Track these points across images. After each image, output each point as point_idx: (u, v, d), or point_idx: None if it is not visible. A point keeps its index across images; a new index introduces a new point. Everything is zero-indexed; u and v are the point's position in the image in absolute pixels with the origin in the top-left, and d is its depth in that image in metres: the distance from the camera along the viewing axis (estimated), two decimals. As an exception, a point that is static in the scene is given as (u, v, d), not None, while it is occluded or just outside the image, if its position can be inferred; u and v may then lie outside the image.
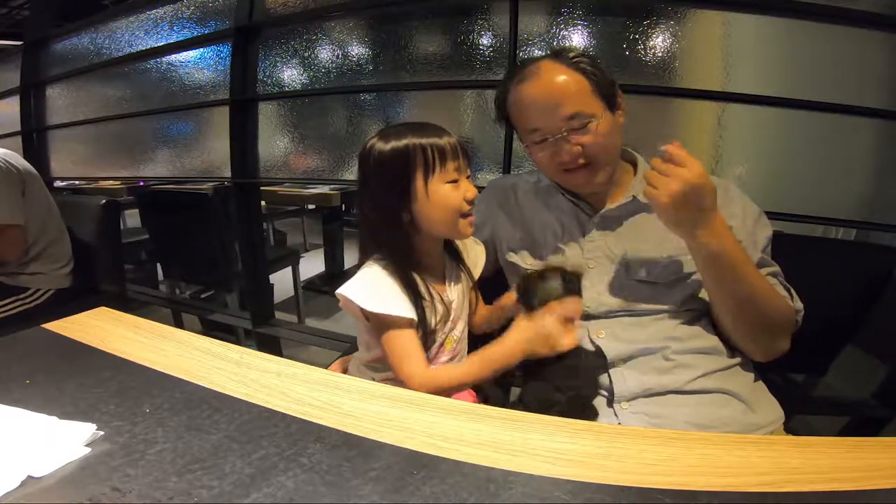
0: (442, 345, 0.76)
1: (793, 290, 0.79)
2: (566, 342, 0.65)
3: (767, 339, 0.75)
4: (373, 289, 0.70)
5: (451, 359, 0.81)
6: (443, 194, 0.70)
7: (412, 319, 0.69)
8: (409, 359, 0.68)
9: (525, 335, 0.66)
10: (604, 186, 0.82)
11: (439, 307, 0.74)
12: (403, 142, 0.69)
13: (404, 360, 0.68)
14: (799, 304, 0.78)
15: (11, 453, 0.43)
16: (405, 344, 0.69)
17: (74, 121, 2.43)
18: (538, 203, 0.88)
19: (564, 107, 0.75)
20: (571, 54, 0.78)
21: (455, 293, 0.79)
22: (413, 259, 0.73)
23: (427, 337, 0.73)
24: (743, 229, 0.78)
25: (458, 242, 0.82)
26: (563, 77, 0.76)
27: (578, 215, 0.84)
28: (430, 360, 0.78)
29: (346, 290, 0.70)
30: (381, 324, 0.70)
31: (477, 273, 0.85)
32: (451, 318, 0.77)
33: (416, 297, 0.70)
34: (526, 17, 1.37)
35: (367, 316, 0.72)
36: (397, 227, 0.71)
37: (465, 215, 0.72)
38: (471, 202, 0.72)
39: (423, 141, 0.69)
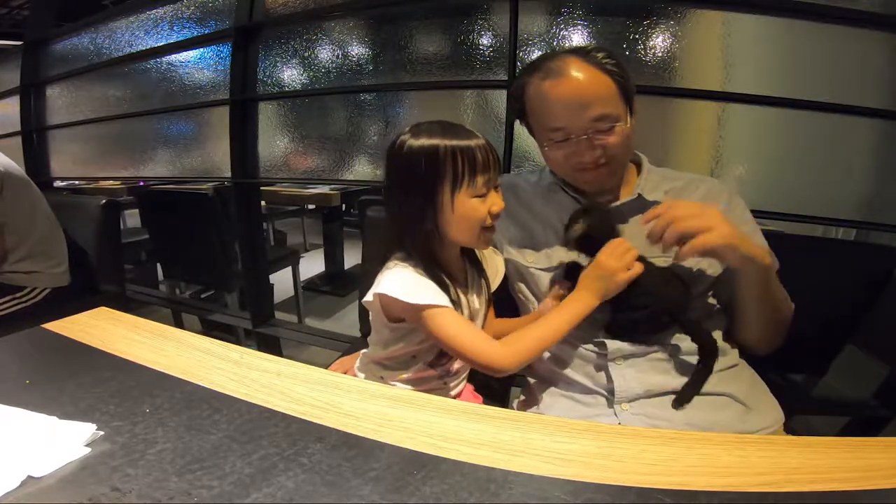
0: None
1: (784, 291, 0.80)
2: (633, 270, 0.70)
3: (782, 334, 0.78)
4: (412, 285, 0.67)
5: (463, 365, 0.80)
6: (469, 208, 0.67)
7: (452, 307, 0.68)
8: (472, 338, 0.66)
9: (593, 281, 0.69)
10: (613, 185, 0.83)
11: (465, 312, 0.73)
12: (434, 142, 0.65)
13: (469, 341, 0.65)
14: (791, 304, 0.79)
15: (11, 453, 0.43)
16: (460, 324, 0.66)
17: (74, 121, 2.43)
18: (540, 201, 0.88)
19: (593, 107, 0.73)
20: (601, 55, 0.75)
21: (475, 301, 0.77)
22: (435, 263, 0.71)
23: None
24: (753, 235, 0.79)
25: (477, 252, 0.80)
26: (592, 77, 0.74)
27: None
28: (441, 366, 0.77)
29: (384, 288, 0.67)
30: (426, 317, 0.66)
31: (495, 284, 0.83)
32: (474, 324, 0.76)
33: (448, 297, 0.69)
34: (526, 17, 1.37)
35: (402, 317, 0.70)
36: (420, 231, 0.69)
37: (487, 228, 0.70)
38: (495, 216, 0.69)
39: (455, 144, 0.65)
